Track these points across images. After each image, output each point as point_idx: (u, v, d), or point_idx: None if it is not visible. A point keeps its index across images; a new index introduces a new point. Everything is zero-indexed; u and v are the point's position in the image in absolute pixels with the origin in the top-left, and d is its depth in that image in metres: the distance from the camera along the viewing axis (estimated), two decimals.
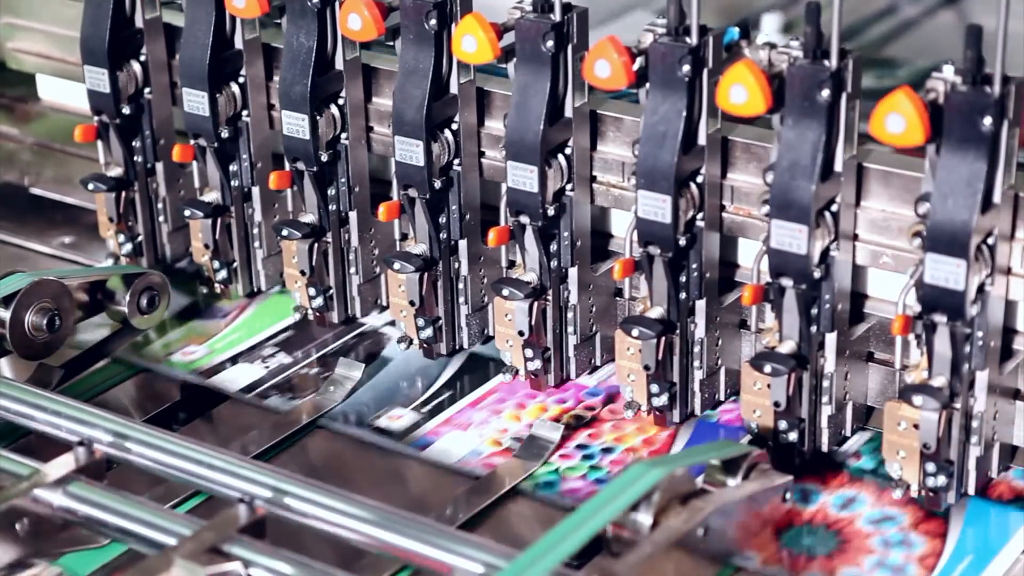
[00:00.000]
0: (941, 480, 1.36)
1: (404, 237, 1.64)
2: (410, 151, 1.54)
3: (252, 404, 1.59)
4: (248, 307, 1.75)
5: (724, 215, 1.47)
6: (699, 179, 1.43)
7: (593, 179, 1.53)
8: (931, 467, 1.36)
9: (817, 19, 1.32)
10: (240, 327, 1.72)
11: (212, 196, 1.72)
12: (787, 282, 1.38)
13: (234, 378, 1.63)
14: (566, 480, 1.45)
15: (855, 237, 1.41)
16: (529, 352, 1.55)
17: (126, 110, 1.73)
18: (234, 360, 1.66)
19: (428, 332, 1.61)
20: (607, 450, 1.50)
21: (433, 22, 1.50)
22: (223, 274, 1.74)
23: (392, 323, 1.69)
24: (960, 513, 1.39)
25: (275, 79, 1.66)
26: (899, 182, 1.39)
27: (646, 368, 1.47)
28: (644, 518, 1.25)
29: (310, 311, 1.68)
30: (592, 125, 1.51)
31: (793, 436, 1.43)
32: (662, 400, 1.49)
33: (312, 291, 1.67)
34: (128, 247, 1.79)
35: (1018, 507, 1.39)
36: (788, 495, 1.37)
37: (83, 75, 1.72)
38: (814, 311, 1.40)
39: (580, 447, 1.50)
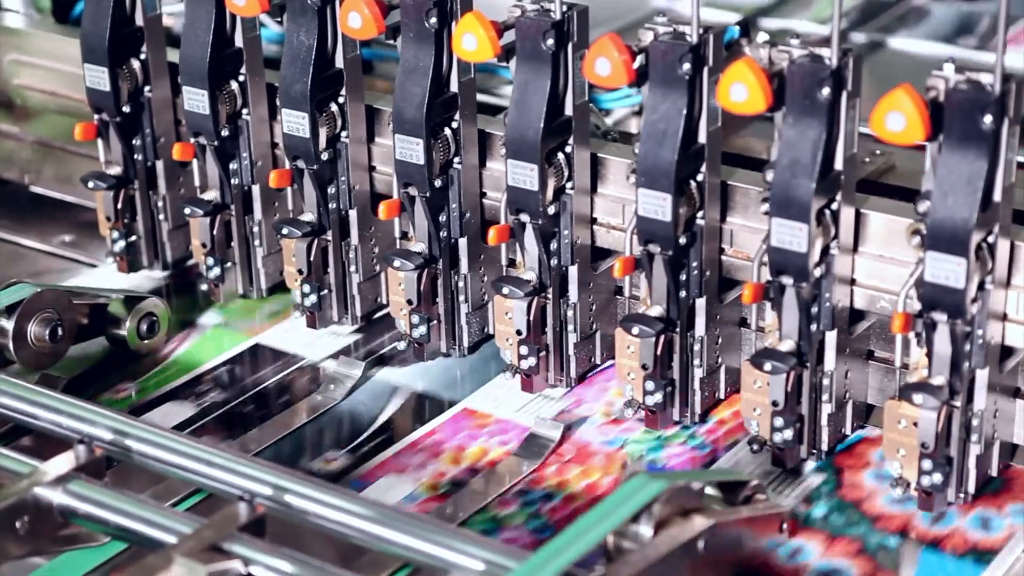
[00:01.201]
0: (937, 478, 1.36)
1: (404, 235, 1.64)
2: (410, 149, 1.54)
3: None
4: (184, 341, 1.70)
5: (723, 259, 1.49)
6: (699, 177, 1.43)
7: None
8: (927, 465, 1.36)
9: None
10: (172, 363, 1.67)
11: (212, 194, 1.72)
12: (787, 280, 1.38)
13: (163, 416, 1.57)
14: (504, 529, 1.40)
15: (852, 282, 1.42)
16: (524, 350, 1.55)
17: (126, 108, 1.73)
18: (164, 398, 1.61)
19: (422, 330, 1.61)
20: (548, 496, 1.44)
21: (433, 20, 1.50)
22: (215, 272, 1.73)
23: (334, 356, 1.65)
24: (912, 566, 1.34)
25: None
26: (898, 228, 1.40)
27: (643, 367, 1.47)
28: (645, 530, 1.24)
29: (306, 310, 1.68)
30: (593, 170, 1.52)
31: (788, 434, 1.42)
32: (656, 399, 1.49)
33: (307, 288, 1.67)
34: (121, 244, 1.79)
35: (972, 559, 1.34)
36: (785, 525, 1.37)
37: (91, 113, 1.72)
38: (814, 309, 1.40)
39: (520, 493, 1.44)
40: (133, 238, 1.80)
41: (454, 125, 1.55)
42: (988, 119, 1.27)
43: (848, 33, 2.24)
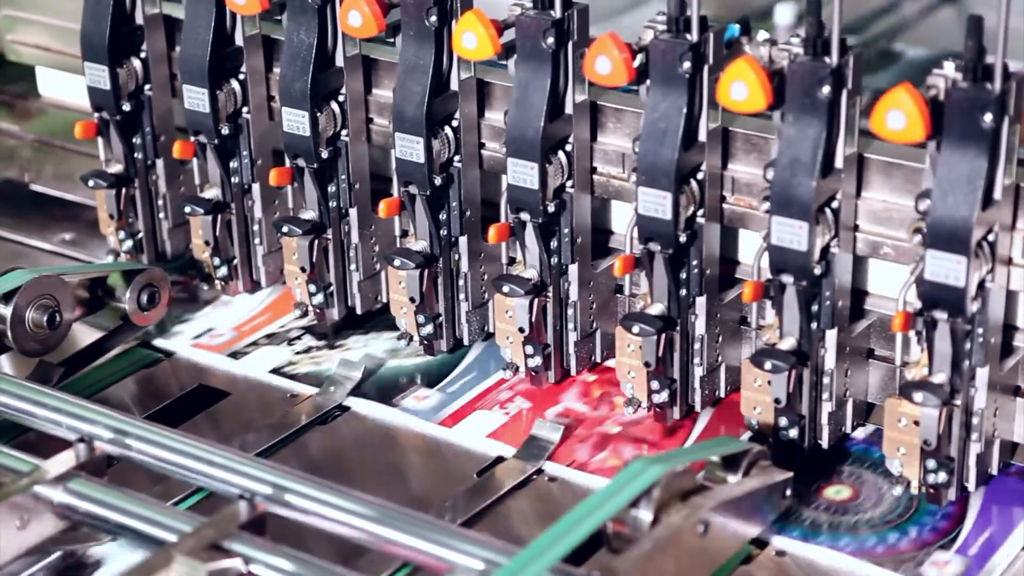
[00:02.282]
0: (942, 476, 1.36)
1: (404, 234, 1.64)
2: (410, 148, 1.54)
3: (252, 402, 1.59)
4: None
5: (725, 207, 1.47)
6: (699, 175, 1.43)
7: (593, 170, 1.52)
8: (931, 463, 1.36)
9: (819, 10, 1.31)
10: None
11: (212, 193, 1.72)
12: (788, 279, 1.38)
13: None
14: None
15: (855, 228, 1.41)
16: (529, 349, 1.55)
17: (126, 107, 1.73)
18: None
19: (428, 329, 1.61)
20: None
21: (433, 18, 1.50)
22: (223, 271, 1.74)
23: None
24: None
25: (274, 70, 1.66)
26: (900, 173, 1.39)
27: (646, 364, 1.47)
28: (644, 515, 1.25)
29: (310, 308, 1.68)
30: (593, 117, 1.51)
31: (793, 433, 1.43)
32: (662, 397, 1.49)
33: (312, 287, 1.67)
34: (128, 243, 1.79)
35: None
36: (788, 492, 1.38)
37: (83, 68, 1.72)
38: (814, 308, 1.40)
39: None
40: (134, 236, 1.80)
41: (454, 123, 1.55)
42: (988, 117, 1.27)
43: None
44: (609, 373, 1.57)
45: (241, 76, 1.66)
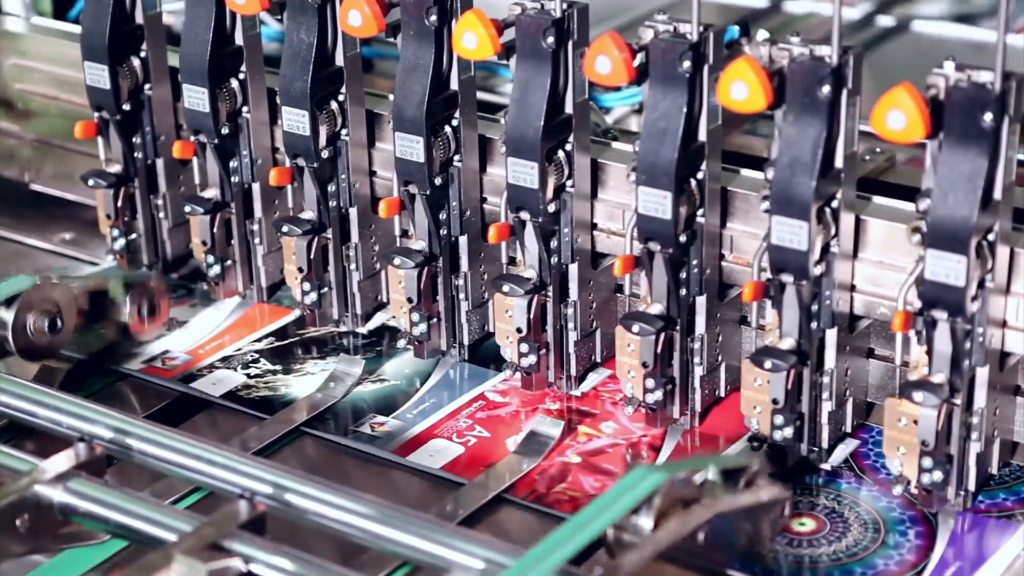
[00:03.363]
0: (937, 476, 1.36)
1: (404, 233, 1.64)
2: (410, 147, 1.54)
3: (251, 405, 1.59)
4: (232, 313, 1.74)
5: (723, 264, 1.49)
6: (699, 175, 1.43)
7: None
8: (927, 462, 1.36)
9: None
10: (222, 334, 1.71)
11: (212, 192, 1.72)
12: (787, 278, 1.38)
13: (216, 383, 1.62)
14: None
15: (852, 288, 1.43)
16: (525, 348, 1.55)
17: (126, 106, 1.73)
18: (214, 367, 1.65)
19: (422, 328, 1.61)
20: None
21: (433, 18, 1.50)
22: (216, 270, 1.74)
23: None
24: (947, 523, 1.37)
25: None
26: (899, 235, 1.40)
27: (644, 364, 1.47)
28: (645, 522, 1.25)
29: (306, 308, 1.68)
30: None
31: (788, 432, 1.42)
32: (656, 396, 1.49)
33: (307, 286, 1.67)
34: (120, 243, 1.79)
35: (1005, 518, 1.38)
36: (787, 509, 1.37)
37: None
38: (814, 307, 1.40)
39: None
40: (133, 236, 1.80)
41: (454, 123, 1.55)
42: (988, 117, 1.27)
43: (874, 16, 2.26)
44: (573, 401, 1.56)
45: (241, 75, 1.66)
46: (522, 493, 1.44)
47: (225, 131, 1.67)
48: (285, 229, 1.64)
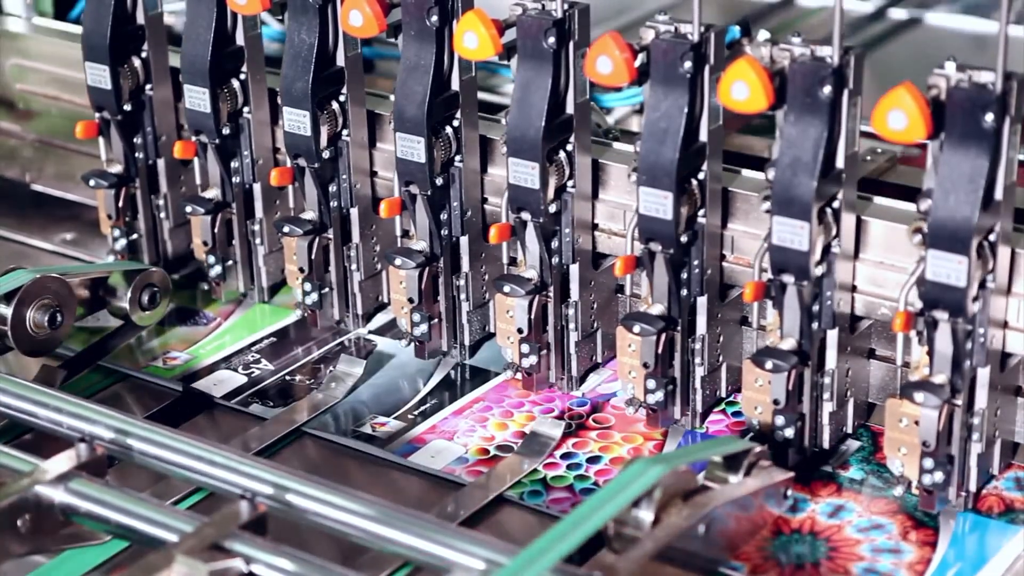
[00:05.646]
0: (938, 476, 1.36)
1: (405, 234, 1.64)
2: (411, 147, 1.54)
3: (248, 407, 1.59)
4: (232, 314, 1.74)
5: (724, 265, 1.49)
6: (700, 176, 1.43)
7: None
8: (928, 463, 1.36)
9: None
10: (223, 334, 1.71)
11: (213, 193, 1.72)
12: (788, 279, 1.38)
13: (217, 383, 1.62)
14: (552, 490, 1.44)
15: (853, 289, 1.42)
16: (526, 349, 1.55)
17: (127, 107, 1.73)
18: (215, 367, 1.65)
19: (423, 328, 1.61)
20: (593, 459, 1.48)
21: (434, 18, 1.50)
22: (217, 270, 1.74)
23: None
24: (949, 524, 1.38)
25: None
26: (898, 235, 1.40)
27: (645, 365, 1.47)
28: (645, 515, 1.25)
29: (307, 308, 1.68)
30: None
31: (790, 432, 1.42)
32: (657, 397, 1.49)
33: (307, 287, 1.67)
34: (122, 243, 1.79)
35: (1007, 520, 1.38)
36: (788, 492, 1.37)
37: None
38: (815, 308, 1.40)
39: (565, 456, 1.49)
40: (134, 236, 1.80)
41: (455, 123, 1.55)
42: (989, 117, 1.27)
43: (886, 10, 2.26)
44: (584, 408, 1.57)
45: (242, 75, 1.66)
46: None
47: (226, 131, 1.67)
48: (286, 229, 1.64)
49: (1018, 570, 1.34)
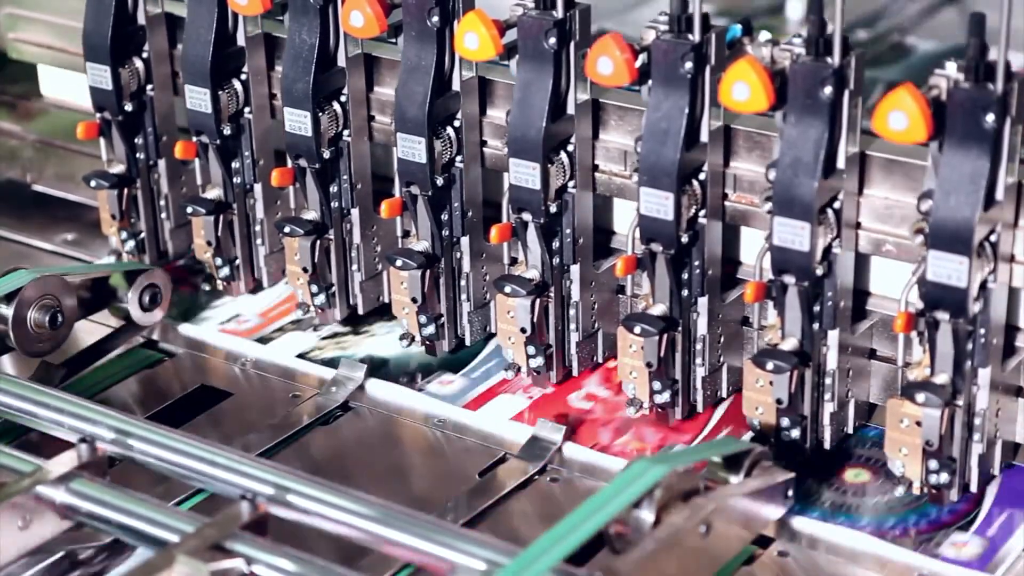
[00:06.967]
0: (944, 477, 1.36)
1: (406, 234, 1.64)
2: (412, 148, 1.54)
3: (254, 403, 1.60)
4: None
5: (727, 204, 1.47)
6: (701, 176, 1.43)
7: (595, 168, 1.52)
8: (933, 464, 1.36)
9: (820, 10, 1.31)
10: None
11: (214, 193, 1.72)
12: (789, 279, 1.38)
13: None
14: None
15: (858, 226, 1.41)
16: (531, 349, 1.55)
17: (128, 107, 1.73)
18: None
19: (431, 329, 1.61)
20: None
21: (435, 19, 1.50)
22: (225, 271, 1.74)
23: None
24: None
25: (276, 68, 1.66)
26: (902, 170, 1.39)
27: (648, 365, 1.47)
28: (646, 515, 1.25)
29: (312, 308, 1.68)
30: (595, 115, 1.51)
31: (795, 433, 1.42)
32: (664, 397, 1.49)
33: (314, 288, 1.67)
34: (130, 244, 1.79)
35: None
36: (790, 492, 1.37)
37: (85, 67, 1.72)
38: (816, 308, 1.40)
39: None
40: (136, 237, 1.80)
41: (456, 124, 1.55)
42: (990, 118, 1.27)
43: None
44: None
45: (243, 76, 1.66)
46: (586, 444, 1.48)
47: (227, 132, 1.67)
48: (287, 230, 1.64)
49: (1019, 570, 1.34)
